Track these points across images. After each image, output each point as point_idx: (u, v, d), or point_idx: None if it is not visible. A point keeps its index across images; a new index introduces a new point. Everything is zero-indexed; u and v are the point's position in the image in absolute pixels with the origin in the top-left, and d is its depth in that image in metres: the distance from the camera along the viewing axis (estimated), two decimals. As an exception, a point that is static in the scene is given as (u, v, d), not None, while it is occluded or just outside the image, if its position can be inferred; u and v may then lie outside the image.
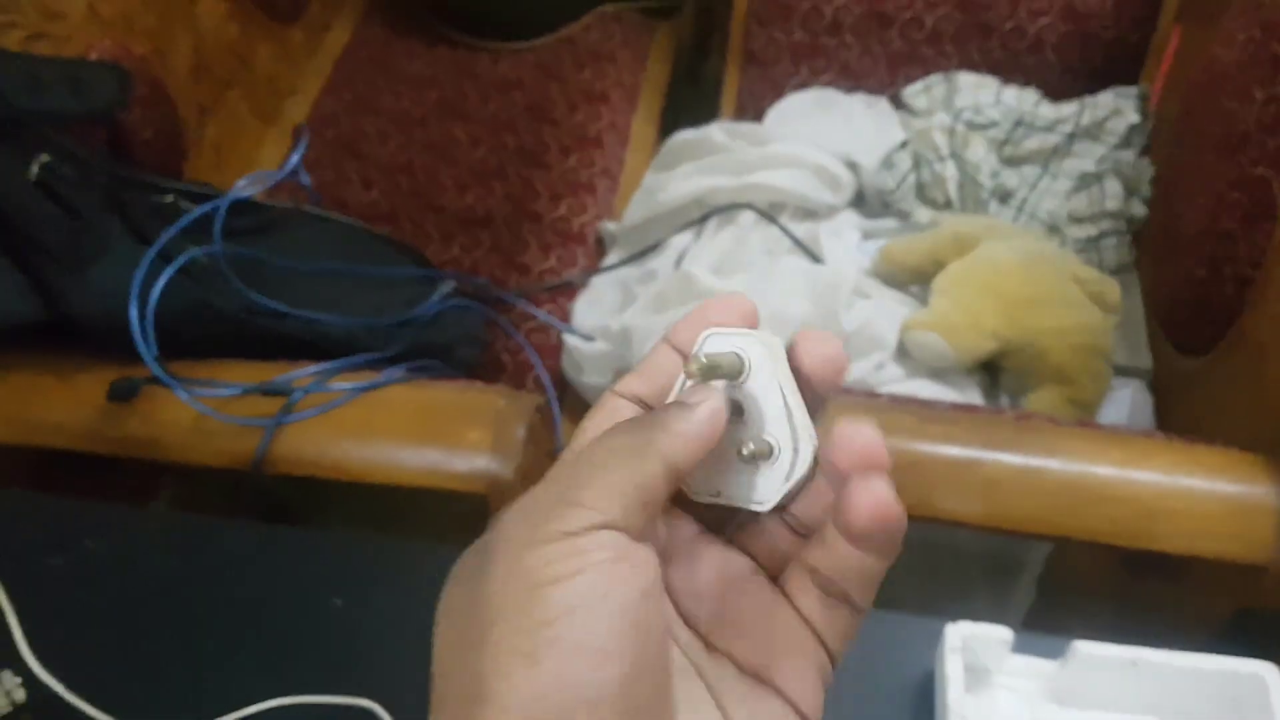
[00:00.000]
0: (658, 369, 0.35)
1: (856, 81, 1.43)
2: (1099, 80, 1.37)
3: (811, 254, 1.23)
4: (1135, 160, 1.29)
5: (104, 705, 0.67)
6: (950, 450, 0.85)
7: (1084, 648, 0.63)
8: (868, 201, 1.32)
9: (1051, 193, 1.29)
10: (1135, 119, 1.31)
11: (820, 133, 1.33)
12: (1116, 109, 1.31)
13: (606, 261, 1.30)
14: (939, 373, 1.10)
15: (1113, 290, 1.14)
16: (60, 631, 0.71)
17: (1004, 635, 0.65)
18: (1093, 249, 1.25)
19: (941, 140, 1.29)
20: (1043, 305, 1.09)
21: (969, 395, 1.10)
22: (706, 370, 0.32)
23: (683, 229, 1.28)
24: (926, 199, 1.30)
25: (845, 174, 1.29)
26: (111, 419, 0.89)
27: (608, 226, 1.32)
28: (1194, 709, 0.64)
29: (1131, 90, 1.33)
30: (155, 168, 1.15)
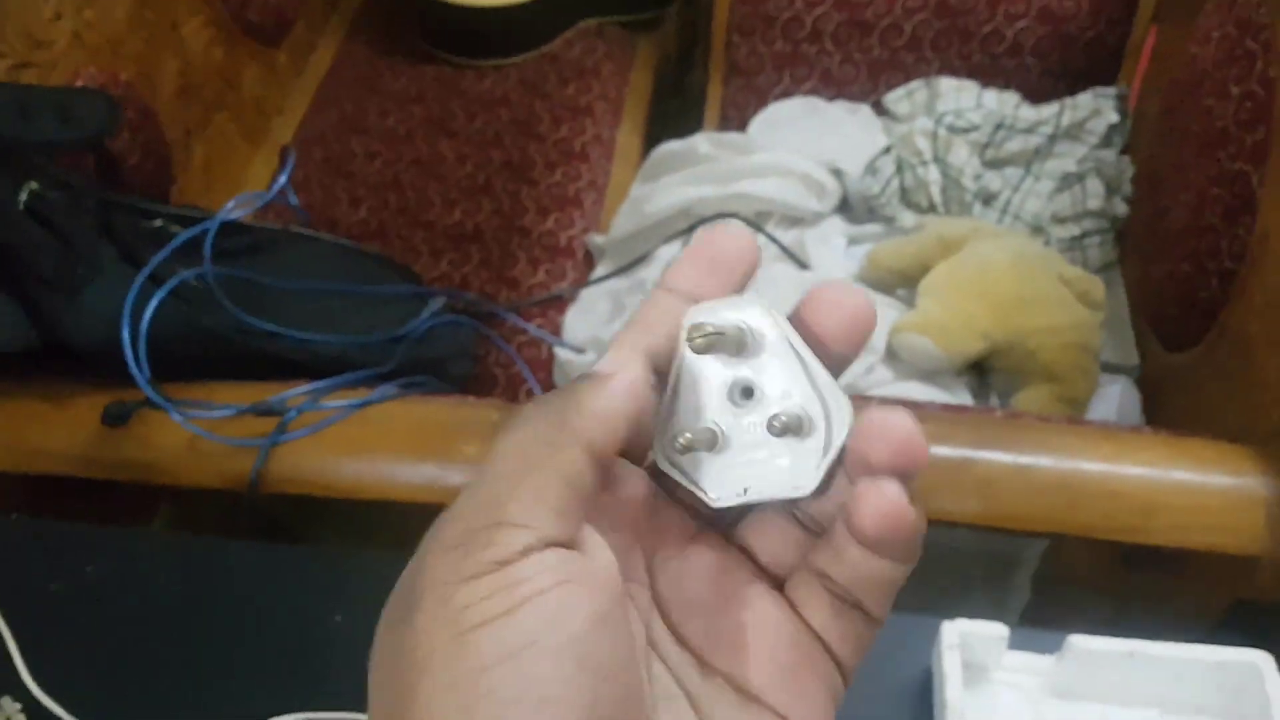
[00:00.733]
0: (661, 317, 0.30)
1: (838, 89, 1.44)
2: (1078, 81, 1.38)
3: (799, 261, 1.24)
4: (1116, 159, 1.31)
5: (106, 728, 0.67)
6: (943, 450, 0.86)
7: (1080, 641, 0.64)
8: (853, 207, 1.33)
9: (1034, 193, 1.30)
10: (1115, 118, 1.32)
11: (804, 141, 1.34)
12: (1096, 109, 1.32)
13: (595, 274, 1.31)
14: (929, 375, 1.11)
15: (1098, 288, 1.15)
16: (60, 656, 0.71)
17: (1000, 632, 0.66)
18: (1077, 248, 1.26)
19: (924, 145, 1.30)
20: (1030, 305, 1.10)
21: (959, 396, 1.11)
22: (711, 341, 0.29)
23: (670, 239, 1.29)
24: (911, 203, 1.31)
25: (830, 181, 1.30)
26: (107, 443, 0.89)
27: (595, 239, 1.33)
28: (1191, 699, 0.64)
29: (1110, 90, 1.34)
30: (144, 191, 1.15)
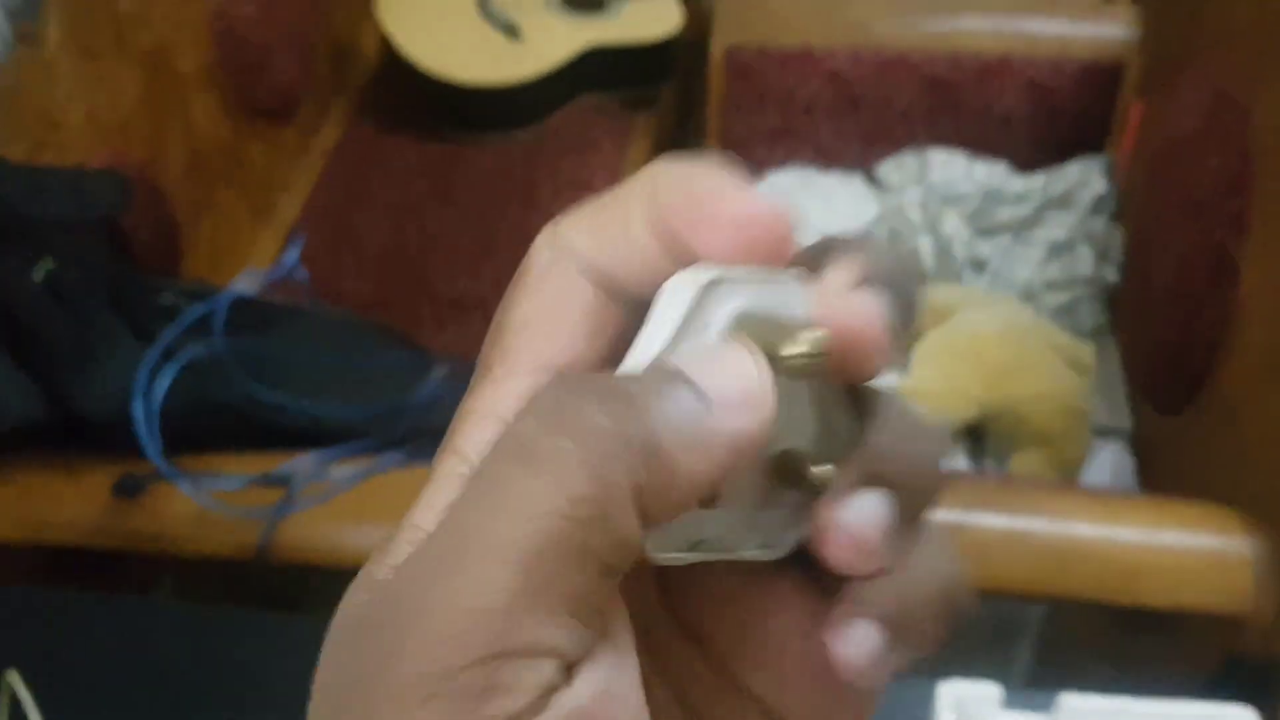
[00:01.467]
0: (624, 233, 0.21)
1: (830, 160, 1.48)
2: (1066, 151, 1.42)
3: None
4: (1106, 227, 1.34)
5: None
6: (937, 514, 0.87)
7: (1071, 700, 0.65)
8: (847, 275, 1.36)
9: (1025, 261, 1.33)
10: (1102, 188, 1.35)
11: (799, 211, 1.37)
12: (1084, 179, 1.36)
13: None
14: (924, 439, 1.13)
15: (1088, 355, 1.17)
16: (73, 725, 0.72)
17: (994, 692, 0.67)
18: (1068, 314, 1.29)
19: (915, 214, 1.34)
20: (1021, 372, 1.12)
21: (954, 459, 1.13)
22: (815, 365, 0.20)
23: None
24: (904, 271, 1.34)
25: (824, 250, 1.33)
26: (117, 515, 0.91)
27: (595, 308, 1.36)
28: (1182, 759, 0.65)
29: (1097, 160, 1.38)
30: (153, 267, 1.18)
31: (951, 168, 1.40)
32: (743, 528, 0.21)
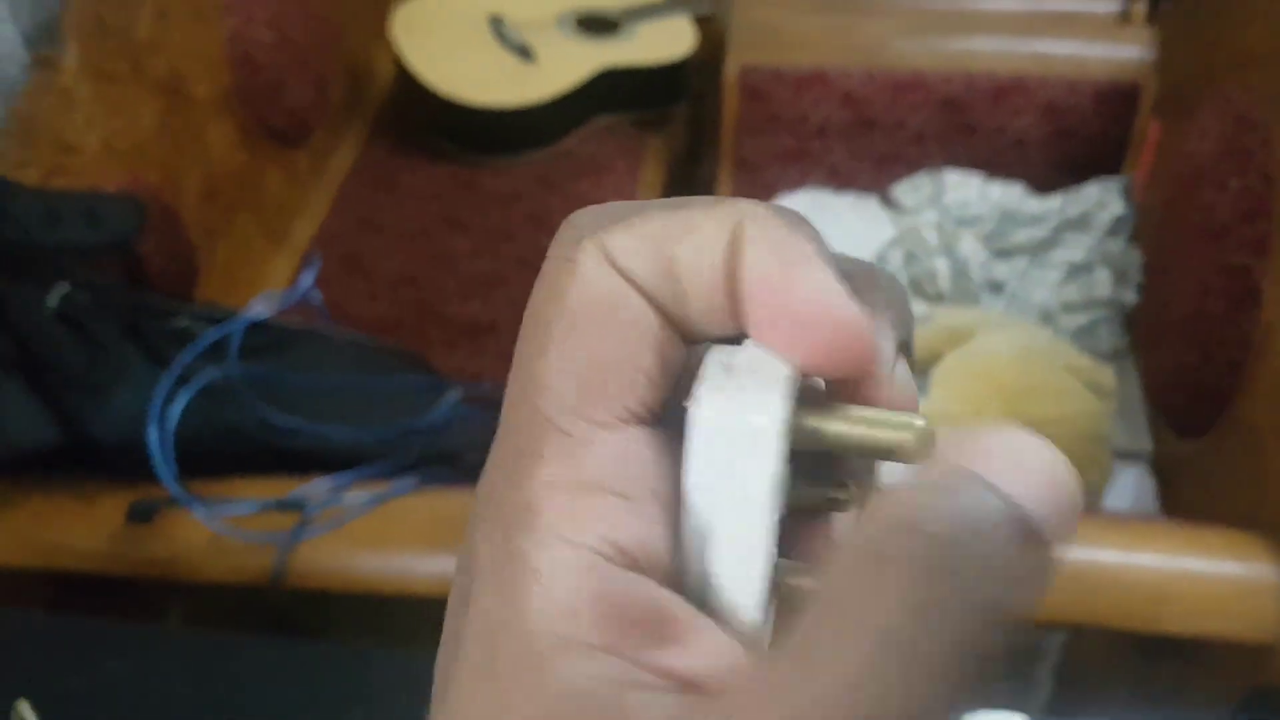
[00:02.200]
0: (693, 273, 0.19)
1: (844, 182, 1.47)
2: (1082, 173, 1.41)
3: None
4: (1124, 248, 1.33)
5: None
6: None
7: (1097, 735, 0.64)
8: (863, 297, 1.35)
9: (1042, 283, 1.32)
10: (1120, 209, 1.34)
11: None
12: (1101, 201, 1.35)
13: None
14: (941, 464, 1.12)
15: (1108, 377, 1.16)
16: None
17: (1017, 725, 0.66)
18: (1086, 336, 1.28)
19: (931, 236, 1.33)
20: (1040, 395, 1.11)
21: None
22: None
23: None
24: (919, 293, 1.33)
25: (839, 272, 1.32)
26: (131, 540, 0.91)
27: (609, 330, 1.35)
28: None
29: (1115, 182, 1.37)
30: (168, 291, 1.18)
31: (967, 189, 1.40)
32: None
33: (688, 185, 1.87)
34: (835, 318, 0.18)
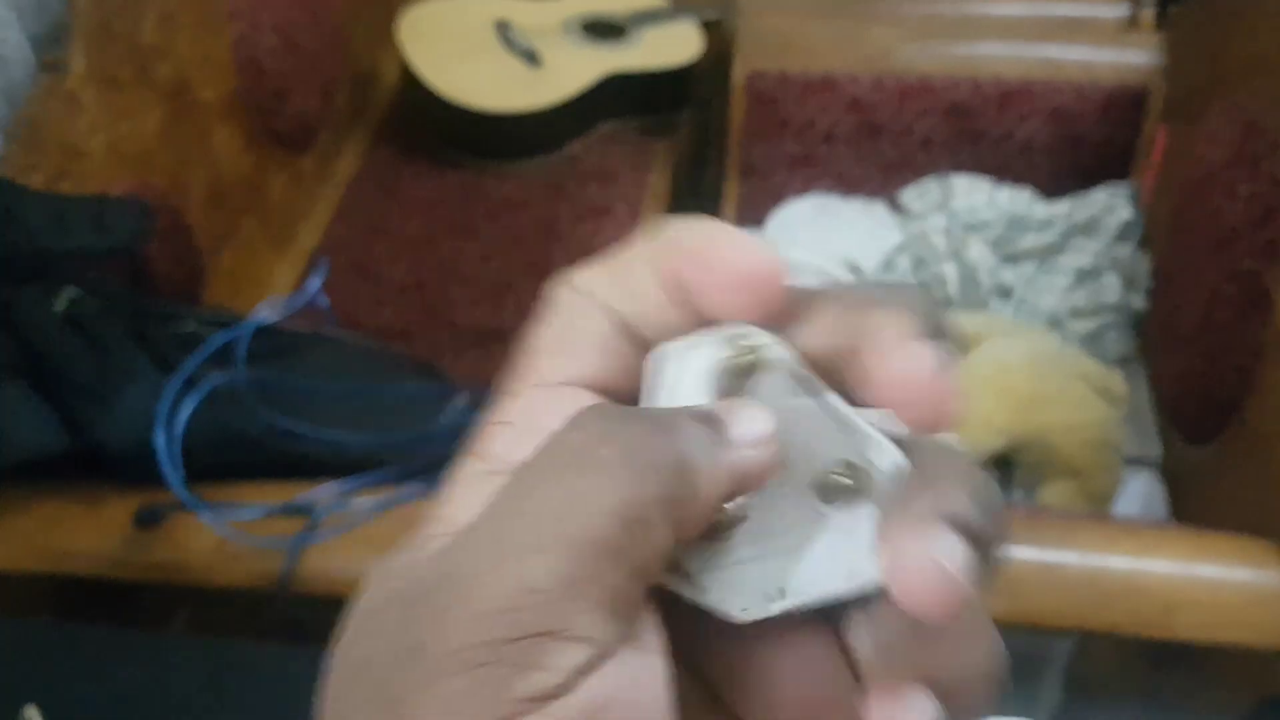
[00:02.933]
0: (635, 284, 0.23)
1: (852, 187, 1.47)
2: (1089, 178, 1.41)
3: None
4: (1133, 254, 1.33)
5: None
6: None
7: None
8: (870, 303, 1.35)
9: (1050, 288, 1.32)
10: (1128, 215, 1.34)
11: (820, 238, 1.37)
12: (1109, 206, 1.35)
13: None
14: (950, 470, 1.11)
15: (1118, 384, 1.16)
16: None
17: (1031, 733, 0.65)
18: (1095, 342, 1.27)
19: (939, 241, 1.33)
20: (1050, 402, 1.11)
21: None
22: (744, 363, 0.22)
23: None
24: (927, 298, 1.33)
25: (847, 277, 1.32)
26: (138, 545, 0.91)
27: (616, 336, 1.35)
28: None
29: (1123, 187, 1.37)
30: (174, 296, 1.18)
31: (975, 194, 1.39)
32: (819, 564, 0.22)
33: (694, 191, 1.87)
34: (738, 262, 0.22)
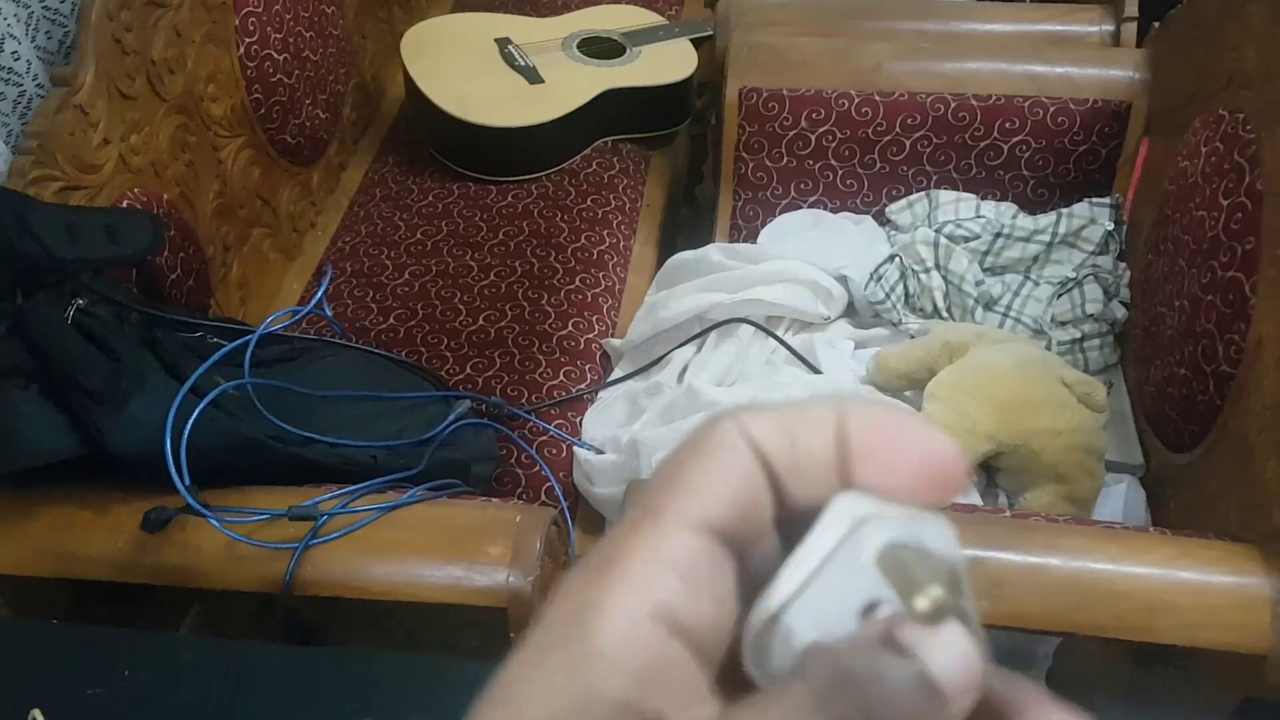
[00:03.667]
0: (806, 442, 0.24)
1: (842, 200, 1.50)
2: (1072, 192, 1.44)
3: (809, 365, 1.28)
4: (1113, 265, 1.36)
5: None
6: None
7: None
8: (859, 312, 1.38)
9: (1034, 298, 1.35)
10: (1110, 227, 1.37)
11: (811, 249, 1.40)
12: (1092, 218, 1.38)
13: (612, 376, 1.35)
14: (939, 475, 1.14)
15: (1099, 391, 1.18)
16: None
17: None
18: (1077, 351, 1.30)
19: (926, 253, 1.35)
20: (1034, 408, 1.13)
21: (967, 495, 1.14)
22: (943, 612, 0.21)
23: (684, 343, 1.33)
24: (915, 308, 1.36)
25: (836, 287, 1.35)
26: (146, 548, 0.92)
27: (612, 343, 1.38)
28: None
29: (1105, 200, 1.40)
30: (183, 304, 1.20)
31: (961, 208, 1.42)
32: None
33: (688, 203, 1.90)
34: (937, 453, 0.23)
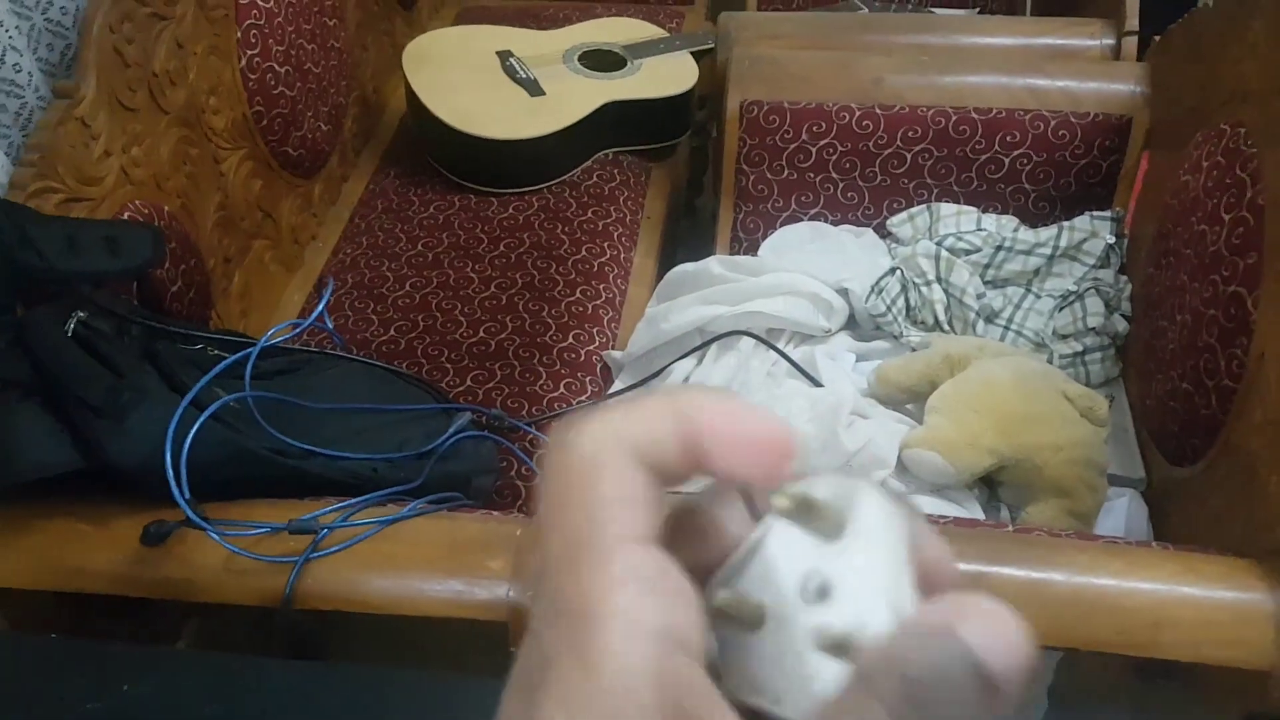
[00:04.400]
0: (657, 438, 0.25)
1: (843, 213, 1.50)
2: (1073, 205, 1.44)
3: (810, 377, 1.28)
4: (1114, 279, 1.36)
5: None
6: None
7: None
8: (860, 325, 1.38)
9: (1035, 311, 1.35)
10: (1111, 240, 1.37)
11: (812, 262, 1.39)
12: (1093, 231, 1.38)
13: (613, 388, 1.35)
14: (939, 488, 1.14)
15: (1101, 405, 1.18)
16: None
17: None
18: (1079, 364, 1.30)
19: (927, 266, 1.35)
20: (1036, 422, 1.13)
21: (970, 509, 1.14)
22: (801, 505, 0.25)
23: (685, 356, 1.33)
24: (916, 321, 1.35)
25: (837, 300, 1.35)
26: (146, 562, 0.92)
27: (613, 355, 1.37)
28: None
29: (1106, 214, 1.40)
30: (184, 317, 1.20)
31: (962, 221, 1.42)
32: (806, 692, 0.24)
33: (689, 215, 1.90)
34: (757, 432, 0.25)
